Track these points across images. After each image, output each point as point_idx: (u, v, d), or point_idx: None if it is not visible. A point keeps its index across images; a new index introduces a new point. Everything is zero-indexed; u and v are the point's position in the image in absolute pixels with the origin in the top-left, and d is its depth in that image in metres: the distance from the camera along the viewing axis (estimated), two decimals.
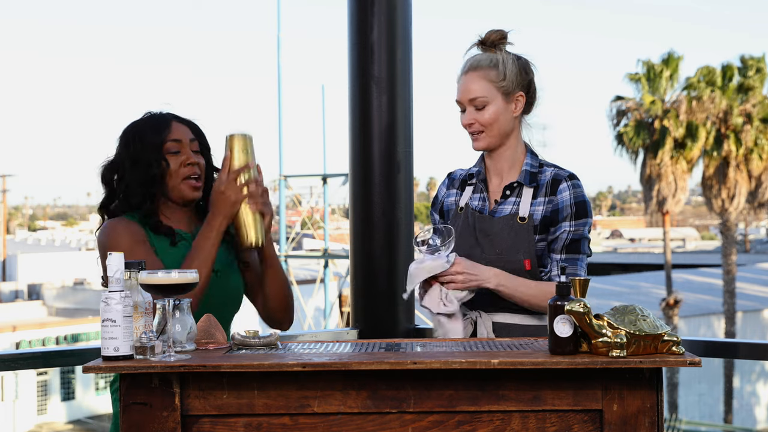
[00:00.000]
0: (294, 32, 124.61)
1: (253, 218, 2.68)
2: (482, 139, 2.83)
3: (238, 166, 2.65)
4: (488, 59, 2.83)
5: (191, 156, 2.73)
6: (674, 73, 25.43)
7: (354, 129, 3.71)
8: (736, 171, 24.58)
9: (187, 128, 2.78)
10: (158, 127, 2.73)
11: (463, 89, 2.84)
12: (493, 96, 2.81)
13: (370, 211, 3.65)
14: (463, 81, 2.85)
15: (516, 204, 2.81)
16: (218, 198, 2.64)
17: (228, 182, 2.64)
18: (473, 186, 2.92)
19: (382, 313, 3.68)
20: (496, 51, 2.85)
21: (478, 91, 2.80)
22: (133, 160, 2.70)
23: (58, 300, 32.75)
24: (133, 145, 2.72)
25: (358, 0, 3.68)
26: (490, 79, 2.81)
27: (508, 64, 2.83)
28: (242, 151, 2.67)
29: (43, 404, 26.96)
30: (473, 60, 2.85)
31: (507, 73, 2.82)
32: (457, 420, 2.16)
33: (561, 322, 2.14)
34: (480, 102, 2.80)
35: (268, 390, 2.16)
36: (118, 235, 2.65)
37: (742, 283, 27.74)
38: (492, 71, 2.81)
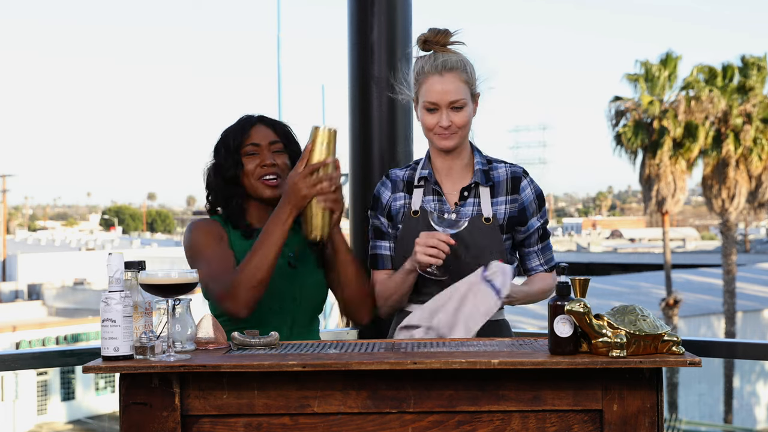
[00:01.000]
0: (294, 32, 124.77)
1: (322, 214, 2.70)
2: (453, 139, 2.83)
3: (316, 159, 2.67)
4: (459, 61, 2.83)
5: (267, 157, 2.83)
6: (672, 73, 25.43)
7: (354, 129, 3.71)
8: (736, 171, 24.58)
9: (269, 130, 2.89)
10: (239, 131, 2.86)
11: (442, 90, 2.81)
12: (467, 97, 2.83)
13: None
14: (438, 82, 2.82)
15: (477, 205, 2.84)
16: (290, 189, 2.68)
17: (302, 175, 2.66)
18: (422, 188, 2.90)
19: None
20: (450, 51, 2.85)
21: (458, 93, 2.81)
22: (218, 163, 2.87)
23: (58, 300, 32.76)
24: (218, 149, 2.88)
25: (358, 0, 3.68)
26: (465, 81, 2.82)
27: (470, 64, 2.86)
28: (324, 145, 2.68)
29: (43, 404, 26.96)
30: (444, 61, 2.83)
31: (473, 74, 2.85)
32: (457, 420, 2.16)
33: (561, 322, 2.14)
34: (460, 103, 2.81)
35: (268, 390, 2.16)
36: (196, 234, 2.79)
37: (742, 283, 27.74)
38: (464, 73, 2.83)
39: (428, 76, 2.83)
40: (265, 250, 2.64)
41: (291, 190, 2.67)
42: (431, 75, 2.83)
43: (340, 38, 4.25)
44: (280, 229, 2.66)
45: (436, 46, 2.86)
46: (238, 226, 2.84)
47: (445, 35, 2.86)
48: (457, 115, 2.81)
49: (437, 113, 2.82)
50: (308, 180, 2.66)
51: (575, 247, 53.86)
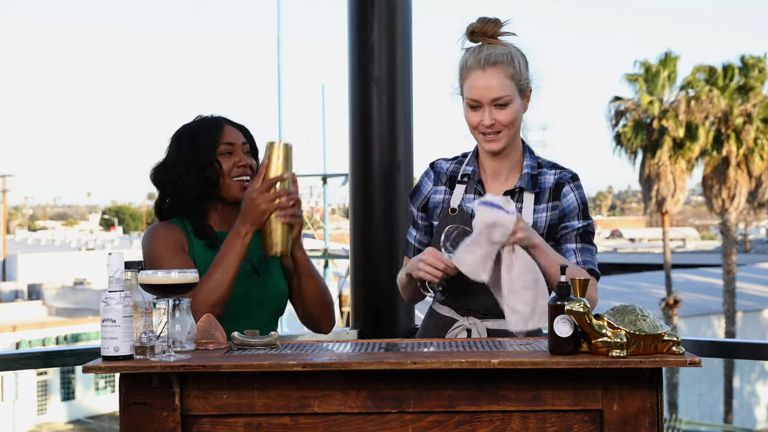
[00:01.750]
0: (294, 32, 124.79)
1: (282, 229, 2.68)
2: (500, 139, 2.68)
3: (273, 175, 2.66)
4: (504, 54, 2.67)
5: (243, 158, 2.80)
6: (672, 73, 25.44)
7: (354, 129, 3.71)
8: (737, 171, 24.59)
9: (238, 131, 2.85)
10: (211, 130, 2.80)
11: (484, 86, 2.65)
12: (513, 93, 2.66)
13: (370, 211, 3.65)
14: (480, 77, 2.66)
15: (519, 210, 2.68)
16: (248, 205, 2.66)
17: (260, 191, 2.65)
18: (465, 185, 2.78)
19: (382, 313, 3.68)
20: (499, 43, 2.69)
21: (502, 89, 2.65)
22: (188, 162, 2.77)
23: (58, 300, 32.76)
24: (186, 147, 2.79)
25: (358, 0, 3.68)
26: (510, 76, 2.66)
27: (519, 58, 2.69)
28: (280, 160, 2.67)
29: (43, 404, 26.96)
30: (488, 54, 2.66)
31: (521, 68, 2.68)
32: (457, 420, 2.16)
33: (561, 322, 2.14)
34: (504, 100, 2.65)
35: (268, 390, 2.16)
36: (157, 242, 2.72)
37: (742, 283, 27.74)
38: (510, 67, 2.66)
39: (471, 70, 2.67)
40: (224, 270, 2.63)
41: (249, 206, 2.65)
42: (474, 69, 2.67)
43: (340, 38, 4.25)
44: (239, 246, 2.65)
45: (484, 38, 2.69)
46: (202, 234, 2.77)
47: (495, 25, 2.69)
48: (501, 112, 2.66)
49: (480, 111, 2.67)
50: (266, 195, 2.64)
51: None
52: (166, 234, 2.74)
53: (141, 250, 2.77)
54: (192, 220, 2.78)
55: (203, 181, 2.76)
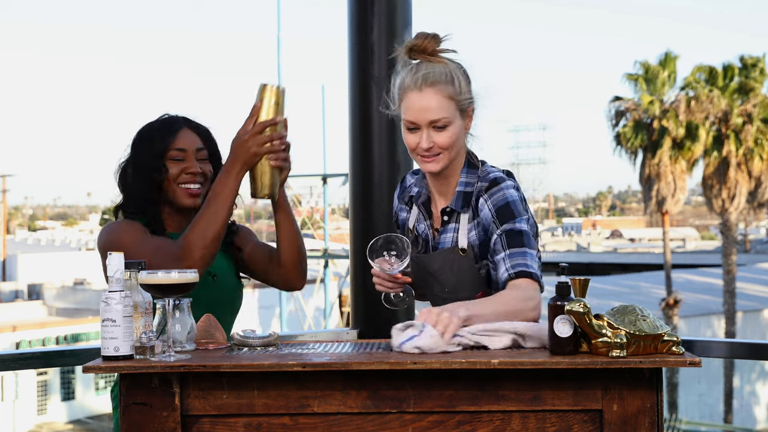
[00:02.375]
0: (294, 32, 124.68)
1: (270, 172, 2.64)
2: (440, 161, 2.55)
3: (265, 118, 2.61)
4: (442, 73, 2.51)
5: (194, 165, 2.75)
6: (672, 73, 25.45)
7: (354, 129, 3.71)
8: (737, 171, 24.59)
9: (196, 136, 2.79)
10: (166, 134, 2.75)
11: (421, 108, 2.50)
12: (453, 115, 2.52)
13: (370, 211, 3.65)
14: (417, 98, 2.51)
15: (455, 231, 2.60)
16: (239, 146, 2.61)
17: (252, 133, 2.59)
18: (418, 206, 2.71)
19: (382, 313, 3.67)
20: (439, 60, 2.54)
21: (440, 111, 2.50)
22: (137, 164, 2.74)
23: (58, 300, 32.75)
24: (140, 148, 2.75)
25: (358, 0, 3.68)
26: (450, 96, 2.51)
27: (460, 76, 2.54)
28: (272, 104, 2.62)
29: (43, 404, 26.96)
30: (426, 74, 2.51)
31: (462, 87, 2.53)
32: (457, 420, 2.16)
33: (561, 322, 2.14)
34: (443, 122, 2.51)
35: (268, 390, 2.16)
36: (121, 234, 2.67)
37: (742, 283, 27.75)
38: (449, 86, 2.51)
39: (408, 90, 2.53)
40: (217, 206, 2.60)
41: (240, 147, 2.60)
42: (411, 90, 2.52)
43: (340, 38, 4.25)
44: (232, 184, 2.61)
45: (422, 55, 2.54)
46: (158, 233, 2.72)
47: (433, 41, 2.54)
48: (439, 134, 2.52)
49: (418, 133, 2.53)
50: (257, 138, 2.59)
51: (575, 247, 53.90)
52: (127, 226, 2.69)
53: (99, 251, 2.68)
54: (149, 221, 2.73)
55: (149, 183, 2.72)
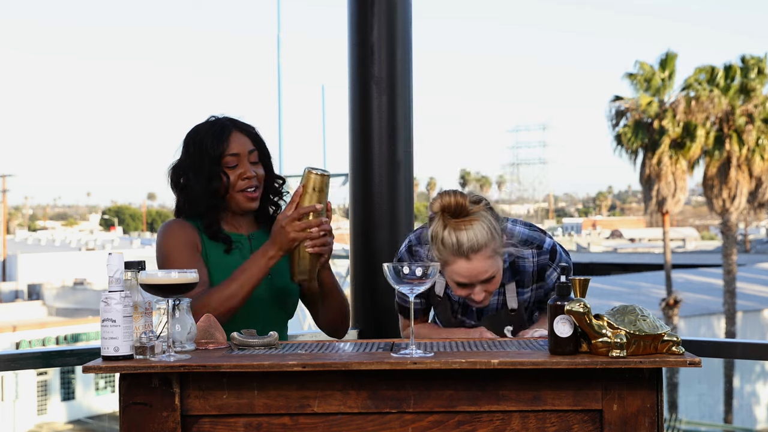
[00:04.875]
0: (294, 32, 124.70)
1: (309, 258, 2.68)
2: (487, 299, 2.70)
3: (307, 203, 2.65)
4: (484, 234, 2.60)
5: (248, 170, 2.79)
6: (672, 73, 25.45)
7: (354, 129, 3.71)
8: (738, 171, 24.59)
9: (246, 138, 2.83)
10: (218, 138, 2.78)
11: (470, 274, 2.62)
12: (499, 264, 2.67)
13: (370, 211, 3.65)
14: (465, 266, 2.61)
15: (501, 294, 2.78)
16: (278, 231, 2.65)
17: (291, 219, 2.63)
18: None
19: (382, 313, 3.68)
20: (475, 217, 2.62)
21: (489, 272, 2.64)
22: (194, 169, 2.77)
23: (58, 300, 32.75)
24: (193, 152, 2.79)
25: (358, 0, 3.68)
26: (494, 253, 2.64)
27: (496, 226, 2.64)
28: (315, 190, 2.65)
29: (43, 404, 26.97)
30: (468, 242, 2.58)
31: (498, 234, 2.65)
32: (457, 420, 2.16)
33: (561, 322, 2.14)
34: (491, 275, 2.65)
35: (268, 390, 2.16)
36: (170, 238, 2.74)
37: (742, 283, 27.74)
38: (491, 244, 2.62)
39: (455, 257, 2.62)
40: (242, 283, 2.65)
41: (279, 233, 2.65)
42: (458, 258, 2.61)
43: (340, 38, 4.26)
44: (263, 267, 2.66)
45: (455, 220, 2.62)
46: (217, 237, 2.78)
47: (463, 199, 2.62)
48: (490, 284, 2.67)
49: (468, 287, 2.67)
50: (296, 224, 2.63)
51: (575, 247, 53.87)
52: (179, 230, 2.76)
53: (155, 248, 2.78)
54: (206, 226, 2.79)
55: (210, 192, 2.76)
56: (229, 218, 2.85)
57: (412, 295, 2.20)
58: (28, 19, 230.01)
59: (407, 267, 2.16)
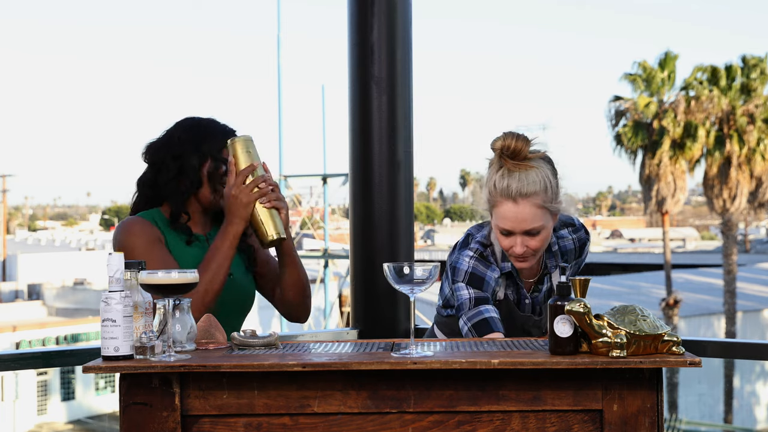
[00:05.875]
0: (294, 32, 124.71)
1: (269, 214, 2.70)
2: (530, 260, 2.69)
3: (243, 167, 2.69)
4: (536, 182, 2.59)
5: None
6: (671, 73, 25.45)
7: (354, 129, 3.71)
8: (738, 171, 24.59)
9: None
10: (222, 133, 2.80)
11: (516, 219, 2.59)
12: (546, 220, 2.63)
13: (370, 211, 3.65)
14: (512, 209, 2.59)
15: (548, 281, 2.80)
16: (231, 202, 2.68)
17: (237, 185, 2.67)
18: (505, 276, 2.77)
19: (382, 313, 3.68)
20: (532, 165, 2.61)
21: (534, 221, 2.60)
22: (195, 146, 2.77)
23: (58, 300, 32.75)
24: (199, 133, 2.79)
25: (358, 0, 3.68)
26: (544, 205, 2.61)
27: (552, 180, 2.62)
28: (245, 153, 2.70)
29: (43, 404, 26.97)
30: (520, 185, 2.58)
31: (553, 191, 2.62)
32: (457, 420, 2.16)
33: (561, 322, 2.14)
34: (537, 229, 2.62)
35: (268, 390, 2.16)
36: (133, 236, 2.71)
37: (742, 283, 27.74)
38: (542, 195, 2.60)
39: (502, 199, 2.61)
40: (217, 267, 2.66)
41: (232, 203, 2.67)
42: (506, 200, 2.60)
43: (340, 38, 4.26)
44: (231, 238, 2.68)
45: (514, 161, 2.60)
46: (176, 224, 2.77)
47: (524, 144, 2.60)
48: (533, 239, 2.63)
49: (512, 237, 2.64)
50: (244, 187, 2.67)
51: None
52: (141, 228, 2.73)
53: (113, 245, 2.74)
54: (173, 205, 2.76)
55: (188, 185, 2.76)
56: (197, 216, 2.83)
57: (413, 296, 2.19)
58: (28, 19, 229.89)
59: (407, 267, 2.16)
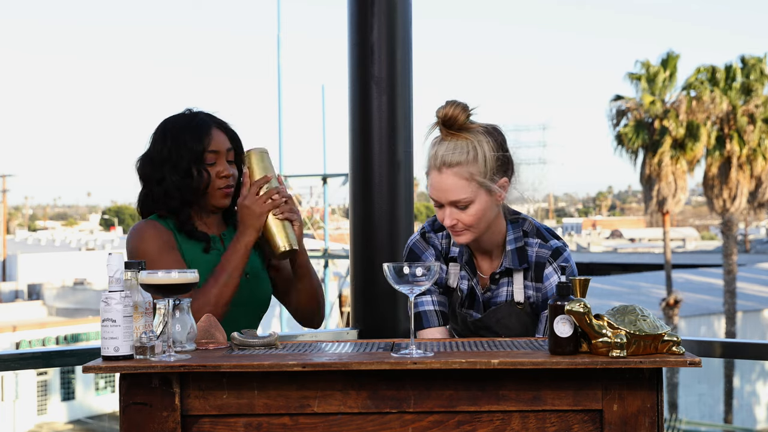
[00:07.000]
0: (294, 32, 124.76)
1: (282, 226, 2.70)
2: (465, 235, 2.55)
3: (257, 178, 2.69)
4: (464, 151, 2.47)
5: (227, 168, 2.77)
6: (673, 73, 25.45)
7: (354, 129, 3.71)
8: (738, 171, 24.59)
9: (225, 136, 2.79)
10: (199, 134, 2.74)
11: (439, 188, 2.49)
12: (475, 193, 2.49)
13: (370, 211, 3.65)
14: (436, 179, 2.49)
15: (509, 285, 2.64)
16: (244, 213, 2.68)
17: (250, 196, 2.67)
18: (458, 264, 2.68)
19: (382, 313, 3.68)
20: (467, 135, 2.48)
21: (459, 193, 2.48)
22: (172, 163, 2.72)
23: (58, 300, 32.75)
24: (171, 145, 2.73)
25: (358, 0, 3.68)
26: (471, 176, 2.48)
27: (486, 151, 2.48)
28: (260, 165, 2.71)
29: (43, 404, 26.96)
30: (446, 154, 2.47)
31: (488, 163, 2.48)
32: (457, 420, 2.16)
33: (561, 322, 2.14)
34: (463, 203, 2.49)
35: (268, 390, 2.16)
36: (146, 241, 2.69)
37: (742, 283, 27.74)
38: (471, 166, 2.47)
39: (430, 169, 2.52)
40: (227, 278, 2.66)
41: (245, 214, 2.67)
42: (432, 169, 2.51)
43: (340, 38, 4.25)
44: (243, 254, 2.67)
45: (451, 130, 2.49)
46: (193, 235, 2.74)
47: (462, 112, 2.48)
48: (462, 213, 2.51)
49: (443, 209, 2.53)
50: (257, 198, 2.67)
51: (575, 247, 53.88)
52: (154, 233, 2.71)
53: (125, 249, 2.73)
54: (177, 224, 2.74)
55: (189, 188, 2.72)
56: (199, 217, 2.80)
57: (412, 295, 2.19)
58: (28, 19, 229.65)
59: (407, 267, 2.15)
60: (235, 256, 2.67)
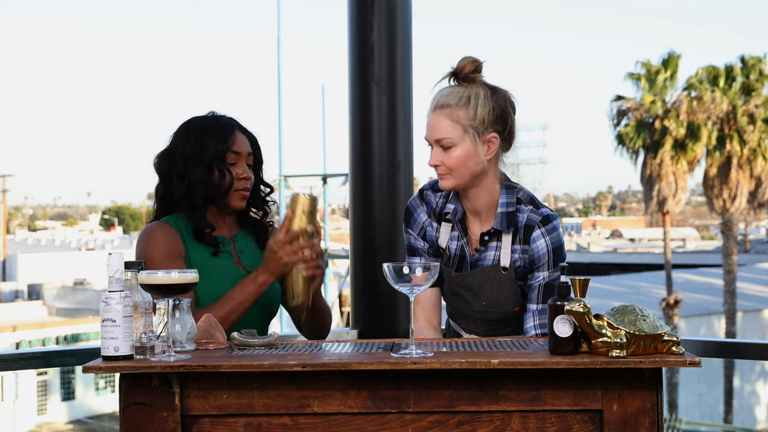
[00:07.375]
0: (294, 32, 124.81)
1: (303, 281, 2.69)
2: (447, 179, 2.64)
3: (297, 228, 2.65)
4: (457, 96, 2.60)
5: (246, 171, 2.78)
6: (674, 73, 25.45)
7: (354, 129, 3.72)
8: (738, 171, 24.59)
9: (247, 140, 2.81)
10: (223, 134, 2.76)
11: (429, 128, 2.63)
12: (459, 137, 2.60)
13: (370, 211, 3.65)
14: (430, 119, 2.64)
15: (497, 249, 2.68)
16: (270, 256, 2.66)
17: (283, 243, 2.65)
18: (450, 223, 2.74)
19: (382, 313, 3.68)
20: (469, 85, 2.62)
21: (443, 132, 2.59)
22: (196, 158, 2.73)
23: (58, 300, 32.75)
24: (195, 143, 2.74)
25: (358, 0, 3.68)
26: (458, 119, 2.59)
27: (480, 100, 2.59)
28: (304, 213, 2.66)
29: (43, 404, 26.96)
30: (441, 97, 2.62)
31: (478, 111, 2.59)
32: (457, 420, 2.16)
33: (561, 322, 2.14)
34: (446, 143, 2.60)
35: (268, 390, 2.16)
36: (154, 248, 2.69)
37: (742, 283, 27.73)
38: (461, 110, 2.59)
39: (428, 111, 2.66)
40: (234, 307, 2.66)
41: (271, 258, 2.66)
42: (429, 112, 2.66)
43: (340, 38, 4.26)
44: (253, 290, 2.67)
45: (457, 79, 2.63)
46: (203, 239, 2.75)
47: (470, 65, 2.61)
48: (445, 154, 2.61)
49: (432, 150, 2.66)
50: (288, 248, 2.64)
51: (575, 247, 53.88)
52: (162, 238, 2.71)
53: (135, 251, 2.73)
54: (192, 221, 2.75)
55: (211, 186, 2.73)
56: (212, 217, 2.80)
57: (412, 295, 2.19)
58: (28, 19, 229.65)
59: (407, 267, 2.16)
60: (247, 290, 2.67)
